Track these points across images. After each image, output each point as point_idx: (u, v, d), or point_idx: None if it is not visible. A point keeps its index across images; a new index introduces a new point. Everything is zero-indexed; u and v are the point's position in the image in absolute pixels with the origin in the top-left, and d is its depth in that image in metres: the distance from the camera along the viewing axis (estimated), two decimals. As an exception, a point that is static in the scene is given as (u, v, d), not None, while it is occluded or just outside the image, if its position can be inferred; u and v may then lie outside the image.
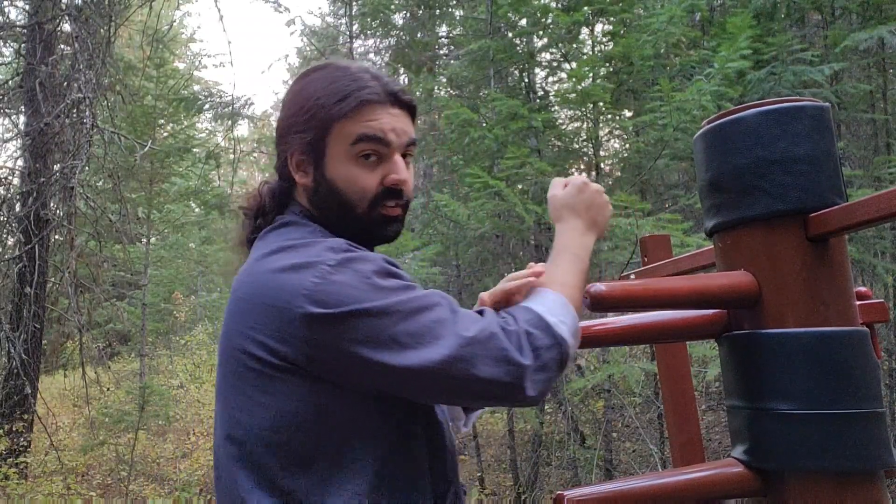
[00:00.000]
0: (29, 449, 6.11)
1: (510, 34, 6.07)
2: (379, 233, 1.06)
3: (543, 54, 6.17)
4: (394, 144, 1.03)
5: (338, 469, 0.91)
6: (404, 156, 1.06)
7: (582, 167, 6.41)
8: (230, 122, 8.30)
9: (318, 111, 1.04)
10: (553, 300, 0.94)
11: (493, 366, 0.88)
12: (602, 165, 5.55)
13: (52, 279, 6.24)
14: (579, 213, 1.03)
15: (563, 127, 6.08)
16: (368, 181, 1.03)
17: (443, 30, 8.30)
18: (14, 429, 5.84)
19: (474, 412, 1.20)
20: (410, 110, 1.08)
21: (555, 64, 6.17)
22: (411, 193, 1.09)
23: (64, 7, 5.46)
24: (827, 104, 0.66)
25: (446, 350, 0.88)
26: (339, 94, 1.03)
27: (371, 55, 9.58)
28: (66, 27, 5.52)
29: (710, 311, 0.72)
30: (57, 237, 6.27)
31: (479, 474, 6.54)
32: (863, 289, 0.95)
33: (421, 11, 7.67)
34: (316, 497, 0.89)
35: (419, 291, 0.95)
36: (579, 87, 4.84)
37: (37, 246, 5.26)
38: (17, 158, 5.87)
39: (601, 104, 5.00)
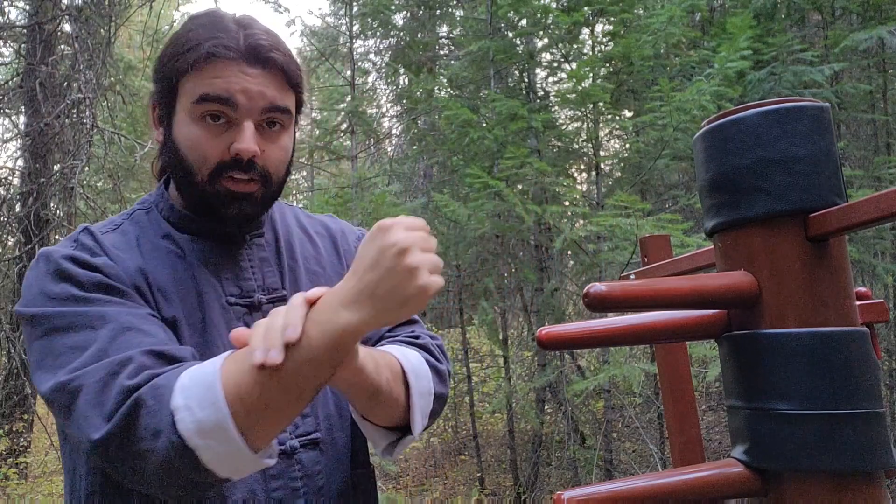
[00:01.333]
0: (29, 449, 6.11)
1: (510, 34, 6.07)
2: (221, 209, 0.92)
3: (543, 54, 6.17)
4: (242, 108, 0.89)
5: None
6: (269, 123, 0.92)
7: (582, 167, 6.41)
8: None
9: (168, 61, 0.92)
10: (202, 377, 0.72)
11: (90, 409, 0.73)
12: (602, 165, 5.55)
13: (52, 279, 6.23)
14: (356, 271, 0.71)
15: (563, 127, 6.08)
16: (211, 147, 0.89)
17: (443, 30, 8.31)
18: (14, 429, 5.85)
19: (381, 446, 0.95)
20: (281, 70, 0.92)
21: (555, 64, 6.17)
22: (277, 167, 0.95)
23: (64, 7, 5.46)
24: (827, 104, 0.66)
25: (56, 379, 0.76)
26: (189, 43, 0.90)
27: (371, 55, 9.58)
28: (66, 27, 5.52)
29: (710, 312, 0.72)
30: (57, 237, 6.27)
31: (479, 474, 6.54)
32: (863, 289, 0.95)
33: (421, 12, 7.67)
34: None
35: (88, 307, 0.81)
36: (579, 88, 4.84)
37: (37, 246, 5.26)
38: (17, 158, 5.88)
39: (601, 104, 5.00)
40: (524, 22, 5.77)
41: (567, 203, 5.42)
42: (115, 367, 0.74)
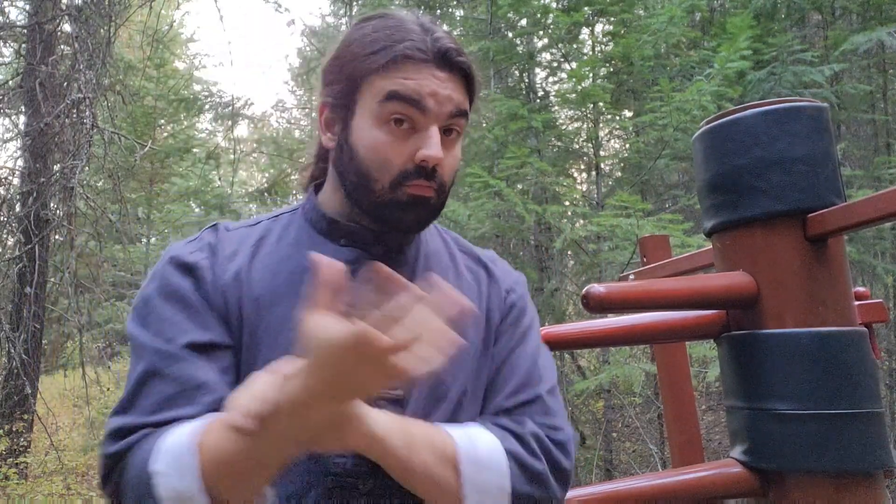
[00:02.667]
0: (29, 449, 6.11)
1: (510, 34, 6.07)
2: (397, 216, 0.87)
3: (543, 54, 6.17)
4: (431, 112, 0.84)
5: None
6: (448, 130, 0.88)
7: (582, 167, 6.41)
8: (230, 123, 8.30)
9: (351, 61, 0.88)
10: (178, 446, 0.72)
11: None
12: (602, 165, 5.55)
13: (52, 279, 6.24)
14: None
15: (564, 127, 6.08)
16: (395, 152, 0.85)
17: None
18: (14, 429, 5.85)
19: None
20: (465, 77, 0.89)
21: (555, 64, 6.17)
22: (450, 176, 0.89)
23: (64, 7, 5.46)
24: (825, 105, 0.66)
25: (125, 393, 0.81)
26: (377, 44, 0.86)
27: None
28: (66, 27, 5.52)
29: (709, 312, 0.72)
30: (57, 237, 6.27)
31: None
32: (861, 289, 0.95)
33: (421, 12, 7.67)
34: None
35: (144, 331, 0.83)
36: (579, 88, 4.84)
37: (37, 246, 5.26)
38: (17, 158, 5.87)
39: (601, 104, 5.00)
40: (524, 22, 5.77)
41: (567, 203, 5.42)
42: (111, 428, 0.78)
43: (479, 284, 1.00)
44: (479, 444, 0.82)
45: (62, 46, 5.81)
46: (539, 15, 5.33)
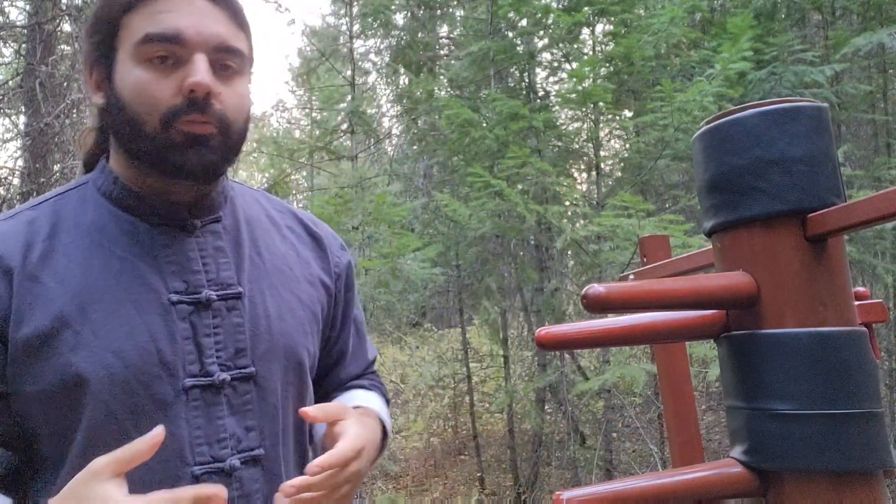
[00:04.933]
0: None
1: (511, 34, 6.07)
2: (176, 159, 0.80)
3: (544, 54, 6.17)
4: (192, 42, 0.78)
5: None
6: (223, 66, 0.82)
7: (582, 167, 6.41)
8: (230, 123, 8.28)
9: (105, 5, 0.81)
10: None
11: None
12: (602, 165, 5.55)
13: (53, 279, 6.23)
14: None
15: (564, 127, 6.08)
16: (160, 89, 0.78)
17: (443, 30, 8.30)
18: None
19: None
20: (232, 8, 0.83)
21: (555, 64, 6.17)
22: (235, 113, 0.83)
23: (64, 7, 5.46)
24: (825, 105, 0.66)
25: None
26: None
27: (371, 55, 9.58)
28: (66, 27, 5.52)
29: (709, 312, 0.72)
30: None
31: (479, 474, 6.54)
32: (861, 289, 0.95)
33: (421, 12, 7.67)
34: None
35: None
36: (580, 88, 4.84)
37: (37, 246, 5.26)
38: (17, 158, 5.87)
39: (602, 104, 5.00)
40: (524, 22, 5.77)
41: (567, 203, 5.42)
42: None
43: (304, 247, 1.01)
44: (385, 416, 1.05)
45: (62, 46, 5.80)
46: (540, 15, 5.32)
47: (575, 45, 5.77)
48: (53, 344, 0.77)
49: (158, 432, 0.71)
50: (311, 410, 0.82)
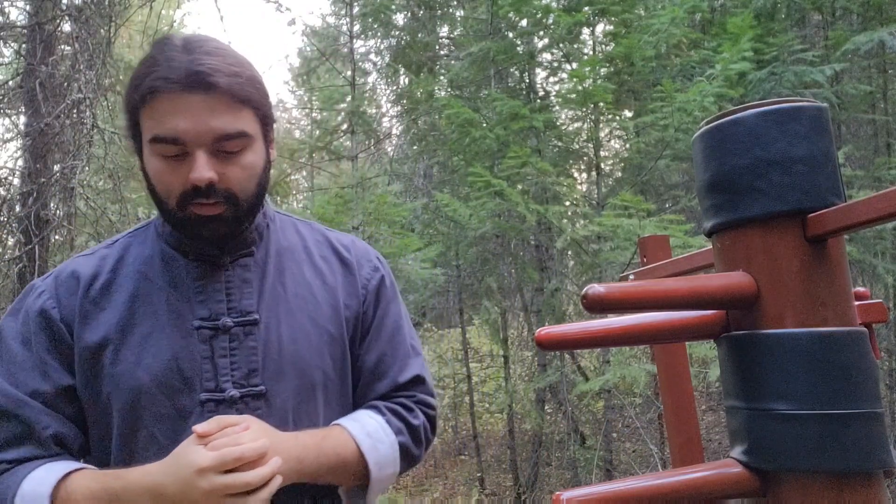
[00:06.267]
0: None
1: (511, 34, 6.07)
2: (193, 231, 0.96)
3: (544, 55, 6.17)
4: (190, 144, 0.89)
5: None
6: (224, 152, 0.92)
7: (582, 167, 6.41)
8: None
9: (127, 98, 0.94)
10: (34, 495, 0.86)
11: None
12: (602, 165, 5.55)
13: (53, 279, 6.23)
14: (166, 471, 0.86)
15: (564, 127, 6.08)
16: (172, 179, 0.92)
17: (443, 30, 8.30)
18: (14, 429, 5.84)
19: None
20: (228, 93, 0.90)
21: (556, 64, 6.17)
22: (241, 186, 0.95)
23: (64, 7, 5.46)
24: (825, 105, 0.66)
25: None
26: (136, 79, 0.91)
27: (371, 55, 9.58)
28: (66, 27, 5.52)
29: (709, 312, 0.72)
30: (57, 237, 6.27)
31: (479, 474, 6.54)
32: (861, 289, 0.95)
33: (422, 12, 7.67)
34: None
35: (0, 380, 0.94)
36: (580, 88, 4.84)
37: (37, 246, 5.26)
38: (17, 159, 5.87)
39: (602, 104, 5.00)
40: (525, 22, 5.77)
41: (567, 203, 5.42)
42: None
43: (333, 274, 1.10)
44: (379, 446, 1.01)
45: (62, 46, 5.80)
46: (540, 15, 5.32)
47: (575, 45, 5.77)
48: (100, 358, 0.95)
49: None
50: (199, 427, 0.86)
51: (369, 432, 1.02)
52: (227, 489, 0.82)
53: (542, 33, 5.80)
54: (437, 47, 8.03)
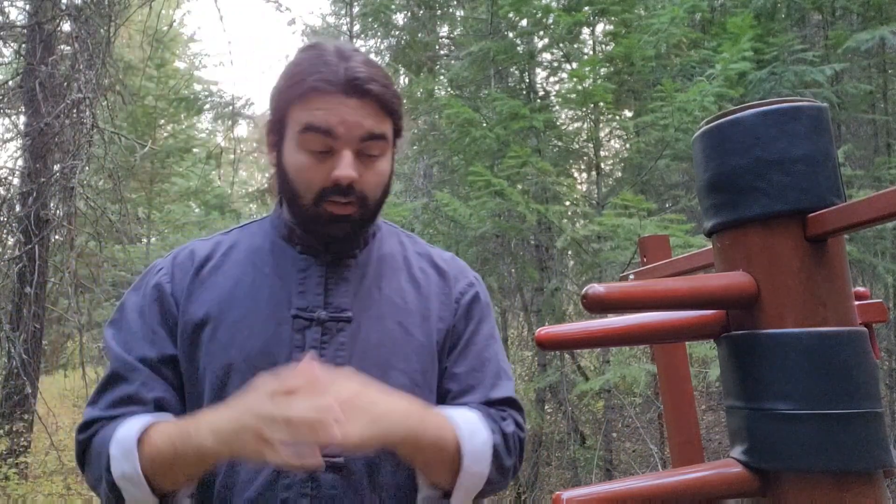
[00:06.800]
0: (29, 449, 6.10)
1: (511, 34, 6.06)
2: (321, 229, 1.02)
3: (544, 54, 6.17)
4: (342, 138, 0.96)
5: None
6: (367, 151, 0.99)
7: (582, 167, 6.41)
8: (230, 122, 8.30)
9: (278, 94, 1.02)
10: (127, 437, 0.93)
11: None
12: (602, 165, 5.55)
13: (52, 279, 6.24)
14: (233, 407, 0.87)
15: (564, 127, 6.08)
16: (314, 174, 0.98)
17: (443, 30, 8.29)
18: (14, 429, 5.84)
19: None
20: (377, 100, 0.99)
21: (556, 64, 6.17)
22: (374, 191, 1.02)
23: (64, 7, 5.46)
24: (825, 105, 0.66)
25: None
26: (296, 77, 0.99)
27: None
28: (66, 27, 5.52)
29: (709, 312, 0.72)
30: (57, 237, 6.26)
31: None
32: (861, 289, 0.95)
33: (422, 12, 7.66)
34: None
35: (117, 347, 1.02)
36: (580, 88, 4.84)
37: (37, 246, 5.26)
38: (17, 158, 5.87)
39: (602, 104, 4.99)
40: (525, 22, 5.77)
41: (568, 203, 5.42)
42: (83, 419, 0.99)
43: (429, 284, 1.13)
44: (475, 438, 0.97)
45: (62, 46, 5.80)
46: (540, 15, 5.32)
47: (575, 45, 5.76)
48: (199, 333, 1.01)
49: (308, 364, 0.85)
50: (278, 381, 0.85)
51: (467, 419, 0.99)
52: (275, 427, 0.79)
53: (542, 33, 5.80)
54: (437, 47, 8.03)
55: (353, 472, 0.97)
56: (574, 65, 5.40)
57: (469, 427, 0.98)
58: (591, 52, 5.67)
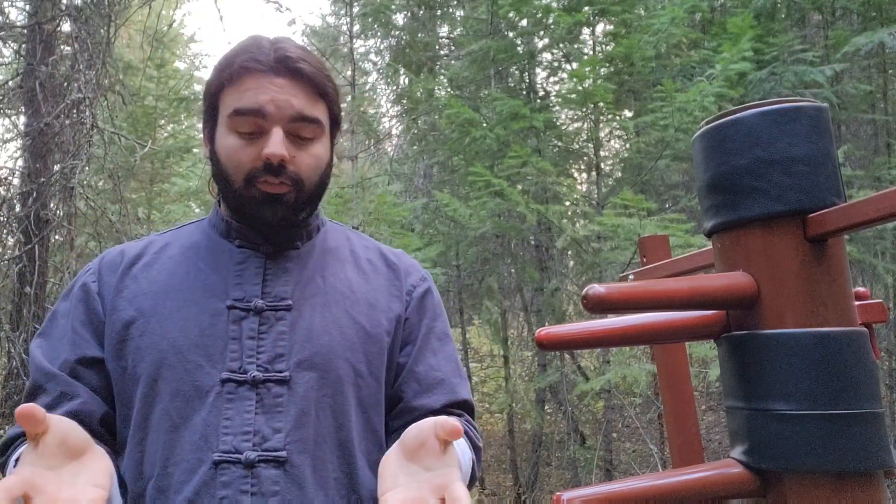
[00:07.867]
0: (29, 449, 6.09)
1: (511, 34, 6.06)
2: (255, 212, 0.98)
3: (544, 54, 6.17)
4: (270, 116, 0.95)
5: None
6: (300, 133, 0.97)
7: (582, 167, 6.41)
8: (230, 123, 8.28)
9: (211, 81, 1.01)
10: None
11: None
12: (602, 165, 5.55)
13: (52, 279, 6.23)
14: None
15: (564, 127, 6.08)
16: (244, 154, 0.96)
17: (443, 30, 8.29)
18: (14, 429, 5.83)
19: None
20: (310, 81, 0.98)
21: (556, 64, 6.17)
22: (310, 174, 0.99)
23: (64, 7, 5.46)
24: (825, 105, 0.66)
25: None
26: (226, 61, 0.98)
27: (371, 55, 9.57)
28: (66, 27, 5.52)
29: (709, 312, 0.72)
30: (57, 237, 6.26)
31: (479, 474, 6.53)
32: (861, 289, 0.95)
33: (422, 12, 7.66)
34: None
35: (39, 358, 0.99)
36: (580, 88, 4.84)
37: (37, 246, 5.26)
38: (17, 158, 5.86)
39: (602, 104, 4.99)
40: (525, 22, 5.77)
41: (567, 203, 5.42)
42: (4, 438, 0.99)
43: (377, 275, 1.10)
44: (464, 456, 0.96)
45: (62, 46, 5.80)
46: (540, 15, 5.32)
47: (575, 45, 5.76)
48: (129, 330, 0.98)
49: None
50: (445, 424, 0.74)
51: (464, 460, 0.95)
52: None
53: (542, 33, 5.80)
54: (437, 47, 8.03)
55: (296, 466, 0.92)
56: (574, 65, 5.40)
57: (460, 447, 0.96)
58: (591, 53, 5.67)
